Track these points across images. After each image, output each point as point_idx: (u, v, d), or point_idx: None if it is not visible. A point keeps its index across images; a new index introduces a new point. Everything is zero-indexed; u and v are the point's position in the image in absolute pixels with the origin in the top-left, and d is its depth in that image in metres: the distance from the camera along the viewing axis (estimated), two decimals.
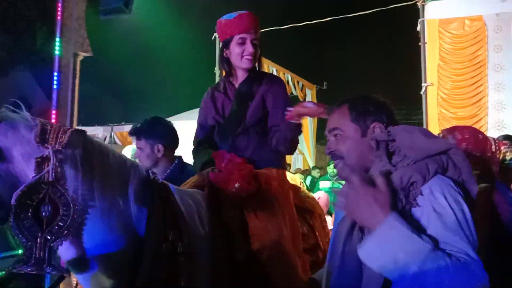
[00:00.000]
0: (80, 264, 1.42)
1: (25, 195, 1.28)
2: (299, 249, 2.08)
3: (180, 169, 2.76)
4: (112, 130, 15.23)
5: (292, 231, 2.05)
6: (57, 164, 1.31)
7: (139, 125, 2.78)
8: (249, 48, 2.25)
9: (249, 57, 2.26)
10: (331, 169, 6.30)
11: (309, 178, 8.20)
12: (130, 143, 3.16)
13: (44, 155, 1.31)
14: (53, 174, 1.31)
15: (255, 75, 2.32)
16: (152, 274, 1.48)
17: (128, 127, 13.36)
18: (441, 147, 1.29)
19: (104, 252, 1.44)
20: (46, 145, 1.33)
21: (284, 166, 2.32)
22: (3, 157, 1.32)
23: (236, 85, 2.33)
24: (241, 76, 2.33)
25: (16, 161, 1.33)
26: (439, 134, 2.55)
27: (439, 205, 1.18)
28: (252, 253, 1.89)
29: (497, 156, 2.20)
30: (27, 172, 1.32)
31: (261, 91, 2.26)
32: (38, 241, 1.28)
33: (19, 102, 1.40)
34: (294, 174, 5.70)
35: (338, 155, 1.42)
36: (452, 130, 2.32)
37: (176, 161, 2.80)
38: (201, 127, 2.42)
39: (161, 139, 2.73)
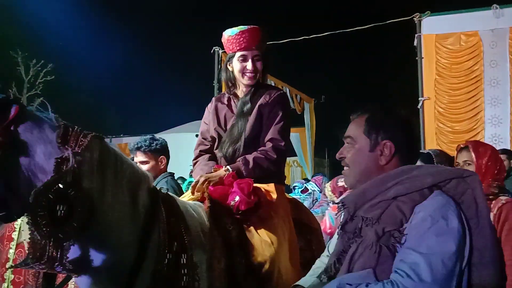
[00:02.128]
0: (82, 264, 1.44)
1: (43, 194, 1.31)
2: (297, 264, 2.08)
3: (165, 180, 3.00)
4: (110, 142, 15.23)
5: (290, 246, 2.05)
6: (75, 166, 1.35)
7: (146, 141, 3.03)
8: (249, 65, 2.26)
9: (249, 74, 2.28)
10: (328, 190, 6.11)
11: None
12: (128, 155, 3.30)
13: (64, 156, 1.35)
14: (71, 175, 1.34)
15: (258, 89, 2.32)
16: (153, 284, 1.50)
17: (126, 139, 13.36)
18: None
19: (108, 256, 1.47)
20: (66, 146, 1.37)
21: (283, 181, 2.32)
22: (27, 153, 1.36)
23: (239, 98, 2.34)
24: (244, 89, 2.34)
25: (37, 159, 1.37)
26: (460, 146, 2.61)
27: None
28: (250, 267, 1.90)
29: None
30: (46, 170, 1.36)
31: (258, 104, 2.27)
32: (52, 239, 1.30)
33: (46, 102, 1.45)
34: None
35: (346, 162, 1.44)
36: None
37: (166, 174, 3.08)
38: (202, 137, 2.43)
39: (165, 153, 3.06)
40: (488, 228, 1.26)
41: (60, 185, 1.32)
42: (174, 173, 3.17)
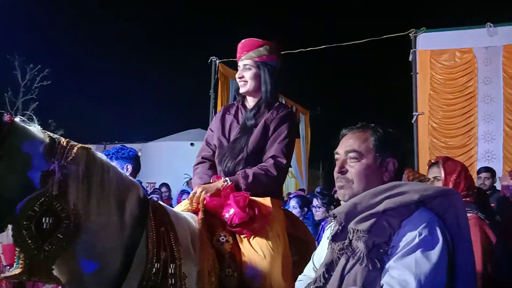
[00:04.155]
0: (68, 274, 1.45)
1: (29, 206, 1.32)
2: (290, 278, 2.08)
3: None
4: (104, 148, 15.20)
5: (283, 260, 2.05)
6: (61, 178, 1.37)
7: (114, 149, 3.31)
8: (237, 74, 2.34)
9: (240, 81, 2.32)
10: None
11: None
12: None
13: (50, 169, 1.37)
14: (57, 188, 1.36)
15: (265, 104, 2.31)
16: None
17: None
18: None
19: (94, 264, 1.48)
20: (52, 159, 1.39)
21: (280, 196, 2.31)
22: (19, 165, 1.37)
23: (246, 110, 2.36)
24: (250, 101, 2.36)
25: (27, 171, 1.38)
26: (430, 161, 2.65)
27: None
28: (242, 280, 1.89)
29: None
30: (34, 183, 1.37)
31: (264, 118, 2.27)
32: (37, 251, 1.32)
33: (32, 115, 1.46)
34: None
35: (348, 177, 1.44)
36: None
37: None
38: (206, 143, 2.44)
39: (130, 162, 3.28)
40: (469, 244, 1.32)
41: (46, 198, 1.34)
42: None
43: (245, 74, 2.30)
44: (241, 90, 2.34)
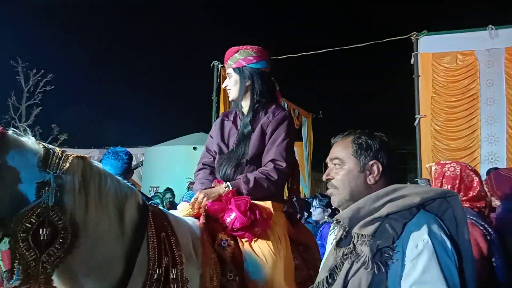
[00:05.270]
0: (73, 285, 1.45)
1: (26, 218, 1.31)
2: (292, 282, 2.08)
3: None
4: None
5: (285, 264, 2.05)
6: (56, 189, 1.37)
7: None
8: (224, 83, 2.39)
9: (227, 91, 2.36)
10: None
11: None
12: None
13: (45, 180, 1.36)
14: (53, 198, 1.35)
15: (261, 108, 2.33)
16: None
17: None
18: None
19: (94, 273, 1.48)
20: (47, 170, 1.38)
21: (281, 199, 2.31)
22: (12, 178, 1.35)
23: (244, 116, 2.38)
24: (245, 106, 2.37)
25: (21, 184, 1.36)
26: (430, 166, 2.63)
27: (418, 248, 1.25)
28: (245, 284, 1.90)
29: None
30: (29, 195, 1.35)
31: (261, 123, 2.28)
32: (35, 263, 1.31)
33: (25, 126, 1.45)
34: None
35: (334, 184, 1.48)
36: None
37: None
38: (207, 150, 2.47)
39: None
40: (468, 245, 1.32)
41: (42, 209, 1.33)
42: None
43: (228, 83, 2.37)
44: (230, 98, 2.39)
